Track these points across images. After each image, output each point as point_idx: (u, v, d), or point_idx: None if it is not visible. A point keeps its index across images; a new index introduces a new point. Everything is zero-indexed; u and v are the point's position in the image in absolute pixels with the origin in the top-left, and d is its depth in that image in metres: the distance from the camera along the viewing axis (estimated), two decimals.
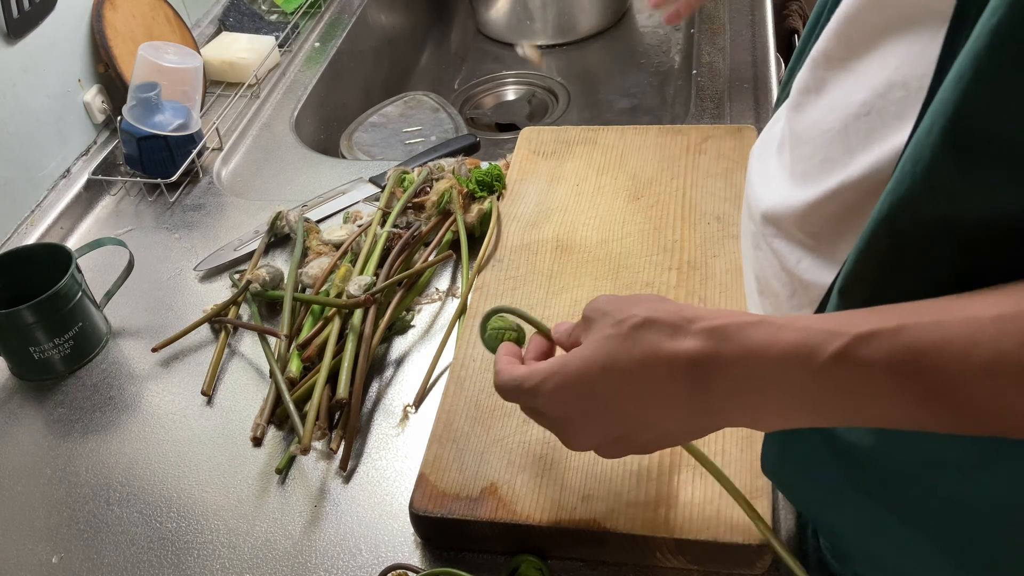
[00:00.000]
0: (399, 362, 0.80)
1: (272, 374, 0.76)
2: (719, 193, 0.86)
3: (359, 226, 0.92)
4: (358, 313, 0.78)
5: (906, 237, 0.39)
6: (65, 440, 0.77)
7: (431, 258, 0.86)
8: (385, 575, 0.62)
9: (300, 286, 0.86)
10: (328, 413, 0.73)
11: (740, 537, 0.58)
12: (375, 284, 0.81)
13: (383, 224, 0.89)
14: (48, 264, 0.83)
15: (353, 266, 0.85)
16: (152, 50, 1.03)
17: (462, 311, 0.81)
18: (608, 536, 0.60)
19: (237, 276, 0.90)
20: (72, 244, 1.00)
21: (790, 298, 0.56)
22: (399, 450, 0.72)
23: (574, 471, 0.63)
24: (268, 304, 0.87)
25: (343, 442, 0.71)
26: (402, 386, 0.78)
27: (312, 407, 0.71)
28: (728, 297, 0.75)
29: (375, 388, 0.78)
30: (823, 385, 0.40)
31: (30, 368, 0.83)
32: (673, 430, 0.47)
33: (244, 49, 1.24)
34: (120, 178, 1.07)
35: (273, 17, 1.37)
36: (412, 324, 0.83)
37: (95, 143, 1.10)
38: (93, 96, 1.09)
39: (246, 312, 0.87)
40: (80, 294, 0.82)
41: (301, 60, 1.29)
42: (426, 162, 1.00)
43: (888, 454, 0.46)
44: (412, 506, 0.63)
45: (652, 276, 0.79)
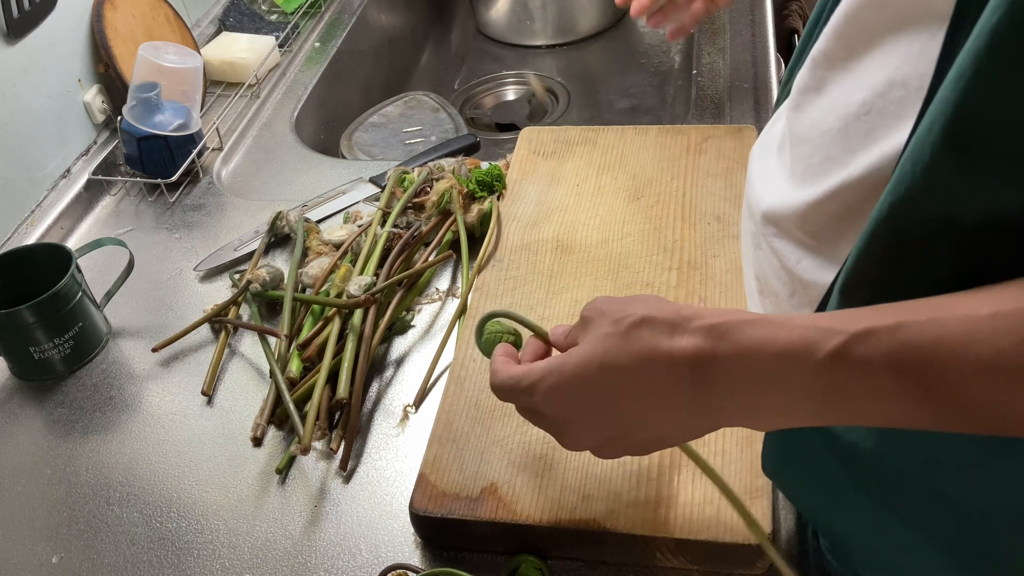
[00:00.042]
0: (399, 362, 0.80)
1: (272, 374, 0.76)
2: (719, 193, 0.86)
3: (359, 226, 0.92)
4: (358, 313, 0.78)
5: (906, 237, 0.39)
6: (65, 440, 0.77)
7: (431, 258, 0.86)
8: (385, 575, 0.62)
9: (300, 286, 0.86)
10: (328, 413, 0.73)
11: (740, 537, 0.58)
12: (375, 284, 0.81)
13: (383, 224, 0.89)
14: (48, 264, 0.83)
15: (353, 266, 0.85)
16: (152, 50, 1.03)
17: (462, 311, 0.81)
18: (608, 536, 0.60)
19: (237, 276, 0.90)
20: (72, 244, 1.00)
21: (790, 298, 0.56)
22: (399, 450, 0.72)
23: (574, 471, 0.63)
24: (268, 304, 0.87)
25: (343, 442, 0.71)
26: (402, 386, 0.78)
27: (312, 407, 0.71)
28: (728, 297, 0.75)
29: (375, 388, 0.78)
30: (821, 383, 0.40)
31: (30, 368, 0.83)
32: (671, 430, 0.47)
33: (244, 49, 1.24)
34: (120, 178, 1.07)
35: (273, 17, 1.37)
36: (412, 324, 0.83)
37: (95, 143, 1.10)
38: (93, 96, 1.09)
39: (246, 312, 0.87)
40: (80, 294, 0.82)
41: (301, 60, 1.29)
42: (426, 162, 1.00)
43: (888, 454, 0.46)
44: (412, 506, 0.63)
45: (652, 276, 0.79)
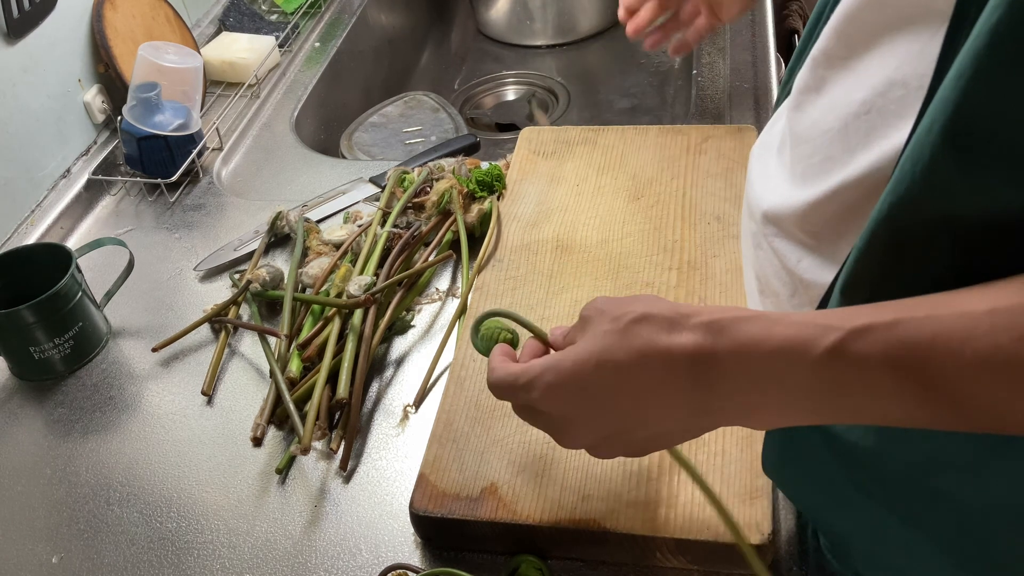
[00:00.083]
0: (399, 362, 0.80)
1: (272, 374, 0.75)
2: (719, 193, 0.86)
3: (359, 226, 0.92)
4: (358, 313, 0.78)
5: (906, 236, 0.39)
6: (65, 440, 0.77)
7: (431, 258, 0.85)
8: (385, 575, 0.62)
9: (300, 286, 0.85)
10: (328, 413, 0.73)
11: None
12: (375, 284, 0.81)
13: (383, 224, 0.89)
14: (48, 264, 0.83)
15: (353, 266, 0.85)
16: (152, 50, 1.03)
17: (462, 311, 0.81)
18: (608, 536, 0.60)
19: (237, 276, 0.90)
20: (72, 244, 1.00)
21: (791, 297, 0.56)
22: (399, 450, 0.72)
23: (574, 471, 0.63)
24: (268, 304, 0.87)
25: (343, 442, 0.71)
26: (402, 386, 0.78)
27: (312, 407, 0.71)
28: (728, 297, 0.75)
29: (375, 388, 0.78)
30: (818, 379, 0.40)
31: (30, 368, 0.83)
32: (669, 428, 0.47)
33: (244, 49, 1.24)
34: (120, 178, 1.07)
35: (273, 17, 1.37)
36: (412, 324, 0.83)
37: (95, 143, 1.10)
38: (93, 96, 1.09)
39: (246, 312, 0.87)
40: (80, 294, 0.82)
41: (301, 60, 1.29)
42: (426, 162, 1.00)
43: (888, 454, 0.46)
44: (412, 506, 0.63)
45: (652, 276, 0.79)
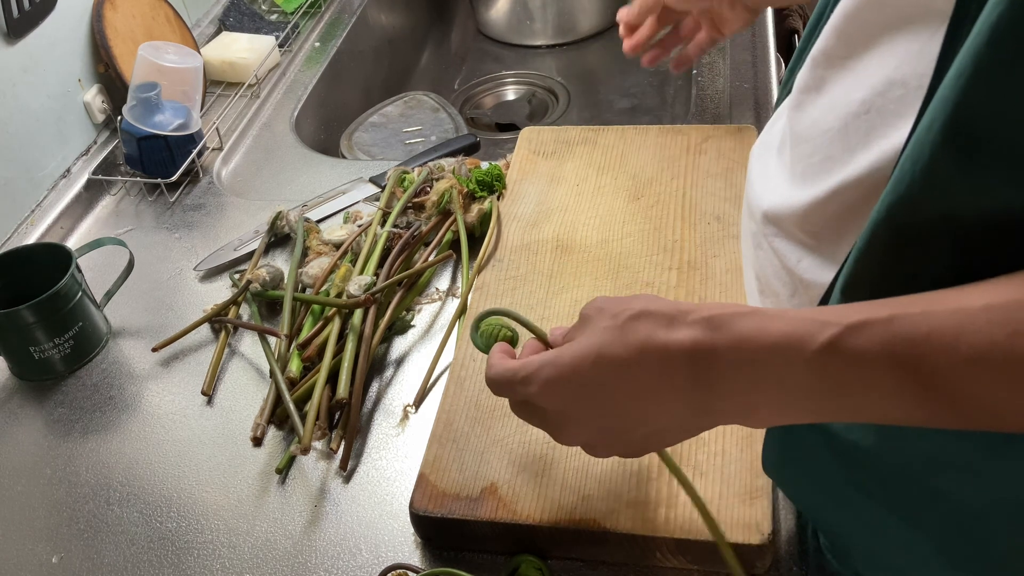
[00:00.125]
0: (399, 362, 0.80)
1: (272, 374, 0.75)
2: (719, 193, 0.86)
3: (359, 226, 0.92)
4: (358, 313, 0.78)
5: (906, 236, 0.39)
6: (65, 440, 0.77)
7: (431, 258, 0.85)
8: (385, 575, 0.62)
9: (300, 286, 0.85)
10: (328, 413, 0.73)
11: (740, 537, 0.57)
12: (375, 284, 0.81)
13: (383, 224, 0.89)
14: (48, 264, 0.83)
15: (353, 266, 0.85)
16: (152, 50, 1.03)
17: (462, 311, 0.81)
18: (608, 536, 0.60)
19: (237, 276, 0.90)
20: (72, 244, 1.00)
21: (791, 297, 0.56)
22: (399, 450, 0.72)
23: (574, 471, 0.63)
24: (268, 304, 0.87)
25: (343, 442, 0.71)
26: (402, 386, 0.78)
27: (312, 407, 0.71)
28: (728, 297, 0.75)
29: (375, 388, 0.77)
30: (815, 375, 0.40)
31: (30, 368, 0.83)
32: (667, 425, 0.47)
33: (244, 49, 1.24)
34: (120, 178, 1.07)
35: (273, 17, 1.37)
36: (412, 324, 0.83)
37: (95, 143, 1.10)
38: (93, 96, 1.09)
39: (246, 312, 0.87)
40: (80, 294, 0.82)
41: (301, 60, 1.29)
42: (426, 162, 1.00)
43: (888, 453, 0.46)
44: (412, 506, 0.63)
45: (652, 276, 0.79)
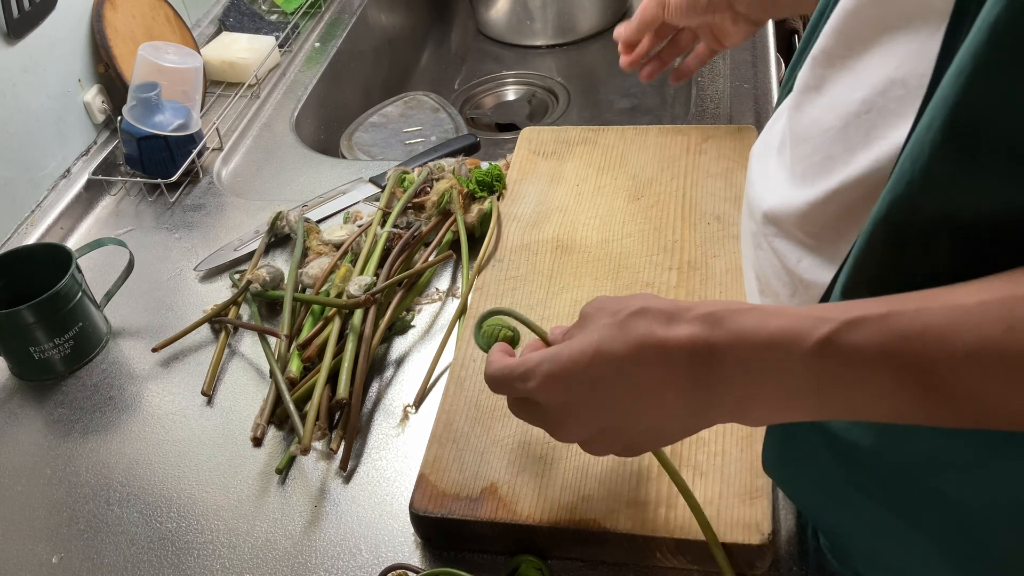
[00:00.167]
0: (399, 362, 0.80)
1: (272, 374, 0.75)
2: (719, 193, 0.86)
3: (359, 226, 0.92)
4: (358, 313, 0.78)
5: (906, 235, 0.39)
6: (65, 440, 0.77)
7: (431, 258, 0.85)
8: (385, 575, 0.62)
9: (300, 286, 0.85)
10: (328, 413, 0.73)
11: (740, 537, 0.57)
12: (375, 284, 0.81)
13: (383, 224, 0.89)
14: (48, 264, 0.83)
15: (353, 266, 0.85)
16: (152, 50, 1.03)
17: (462, 311, 0.81)
18: (608, 536, 0.60)
19: (237, 276, 0.90)
20: (72, 244, 1.00)
21: (791, 297, 0.56)
22: (399, 450, 0.72)
23: (574, 471, 0.63)
24: (268, 304, 0.87)
25: (343, 442, 0.71)
26: (402, 386, 0.78)
27: (312, 407, 0.71)
28: (728, 297, 0.75)
29: (375, 388, 0.77)
30: (812, 371, 0.40)
31: (30, 368, 0.83)
32: (665, 422, 0.47)
33: (244, 49, 1.24)
34: (120, 178, 1.07)
35: (273, 17, 1.37)
36: (412, 324, 0.83)
37: (95, 143, 1.10)
38: (93, 96, 1.09)
39: (246, 312, 0.87)
40: (80, 294, 0.82)
41: (301, 60, 1.29)
42: (426, 162, 1.00)
43: (888, 453, 0.46)
44: (412, 506, 0.63)
45: (652, 276, 0.79)
